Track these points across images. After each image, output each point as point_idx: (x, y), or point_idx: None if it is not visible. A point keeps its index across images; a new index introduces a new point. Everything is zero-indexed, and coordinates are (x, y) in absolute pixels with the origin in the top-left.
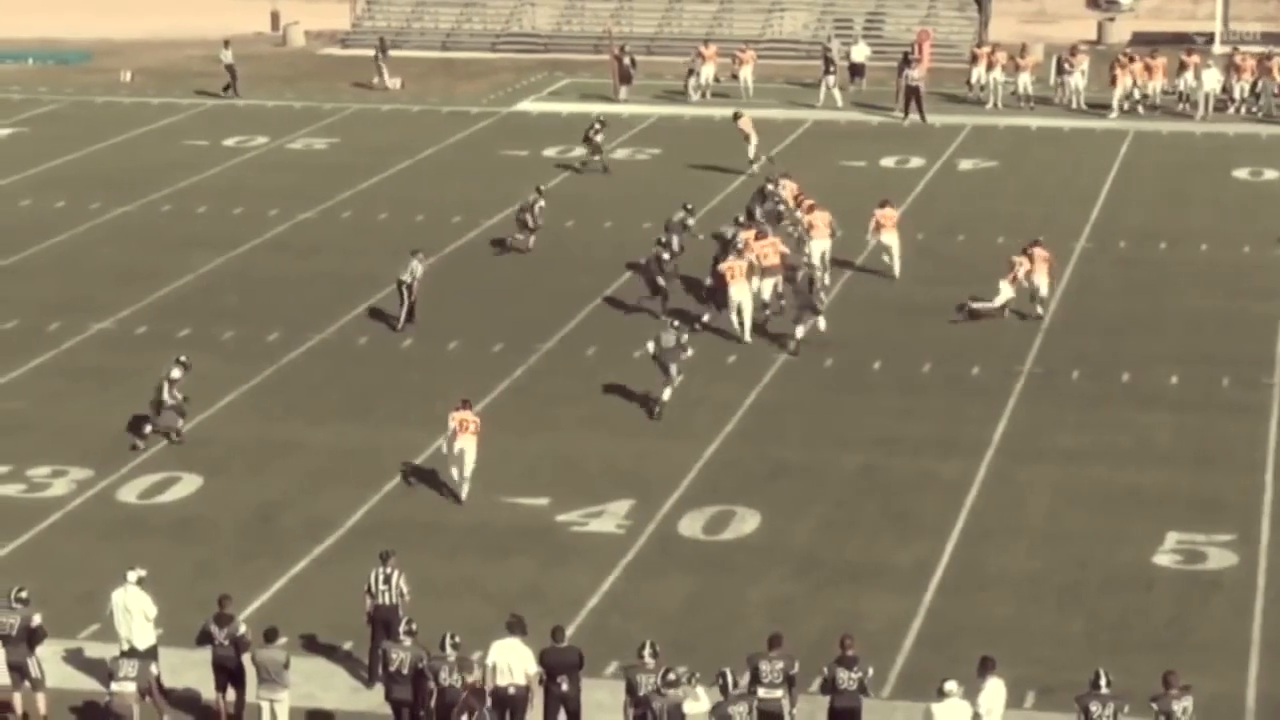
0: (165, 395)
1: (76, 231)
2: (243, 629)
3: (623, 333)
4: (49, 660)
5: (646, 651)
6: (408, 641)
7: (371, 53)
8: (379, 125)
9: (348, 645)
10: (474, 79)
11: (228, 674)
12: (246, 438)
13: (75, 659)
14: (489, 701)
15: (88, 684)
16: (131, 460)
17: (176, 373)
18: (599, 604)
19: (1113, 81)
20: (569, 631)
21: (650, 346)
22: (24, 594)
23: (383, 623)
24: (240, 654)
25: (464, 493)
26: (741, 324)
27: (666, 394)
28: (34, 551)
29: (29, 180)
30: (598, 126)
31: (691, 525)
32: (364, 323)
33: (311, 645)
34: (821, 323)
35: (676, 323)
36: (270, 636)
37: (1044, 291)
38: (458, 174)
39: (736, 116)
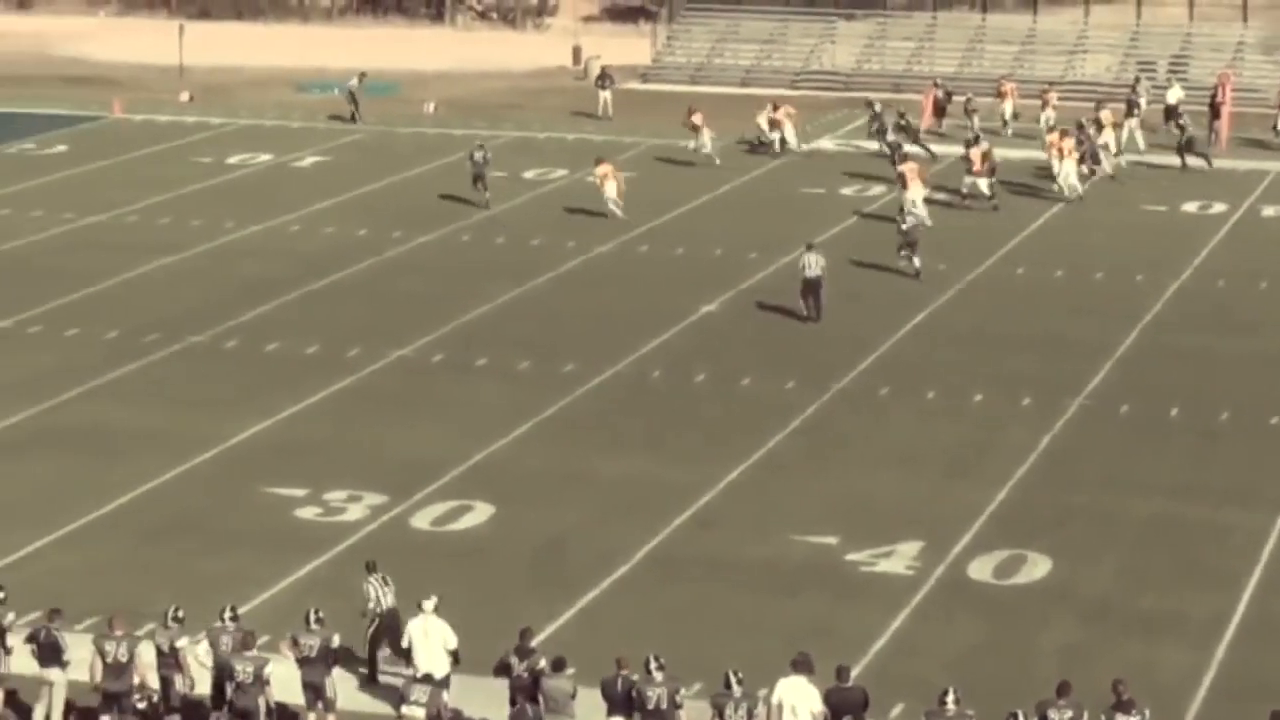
0: None
1: (377, 259)
2: (542, 662)
3: (916, 374)
4: (341, 682)
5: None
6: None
7: (674, 88)
8: (677, 160)
9: (635, 677)
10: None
11: (525, 699)
12: (539, 467)
13: (366, 682)
14: None
15: (378, 708)
16: (425, 487)
17: None
18: (886, 645)
19: None
20: (855, 672)
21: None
22: (322, 615)
23: (389, 628)
24: (536, 686)
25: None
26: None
27: None
28: (329, 575)
29: (333, 208)
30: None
31: (982, 568)
32: (658, 356)
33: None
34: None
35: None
36: (558, 666)
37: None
38: (756, 210)
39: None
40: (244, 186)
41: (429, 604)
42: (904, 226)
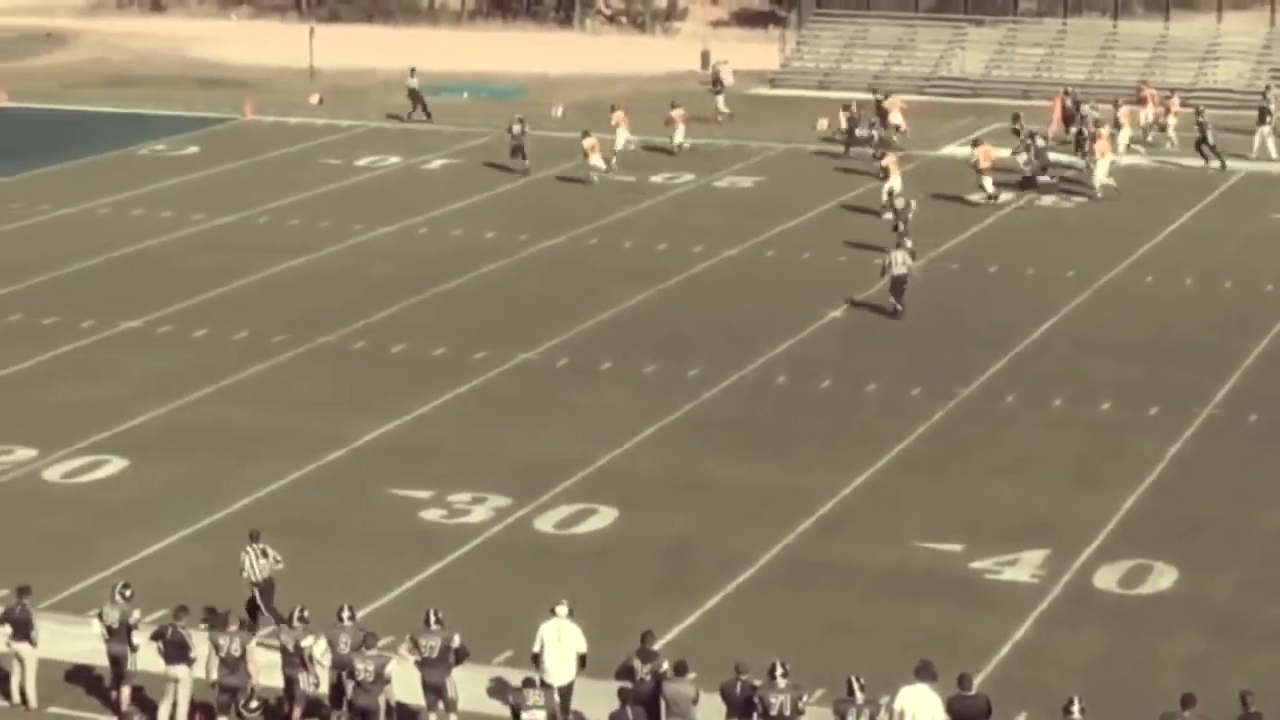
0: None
1: (505, 262)
2: (664, 665)
3: (1043, 381)
4: (462, 684)
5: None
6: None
7: (802, 93)
8: (805, 165)
9: (757, 682)
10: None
11: (643, 708)
12: (663, 471)
13: (484, 684)
14: None
15: (495, 709)
16: (549, 490)
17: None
18: (1009, 653)
19: None
20: (977, 680)
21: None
22: (442, 616)
23: (266, 597)
24: (658, 688)
25: None
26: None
27: None
28: (452, 576)
29: (460, 211)
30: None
31: (1107, 578)
32: (783, 362)
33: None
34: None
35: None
36: (680, 670)
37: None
38: (882, 218)
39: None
40: (373, 188)
41: (562, 609)
42: (887, 216)
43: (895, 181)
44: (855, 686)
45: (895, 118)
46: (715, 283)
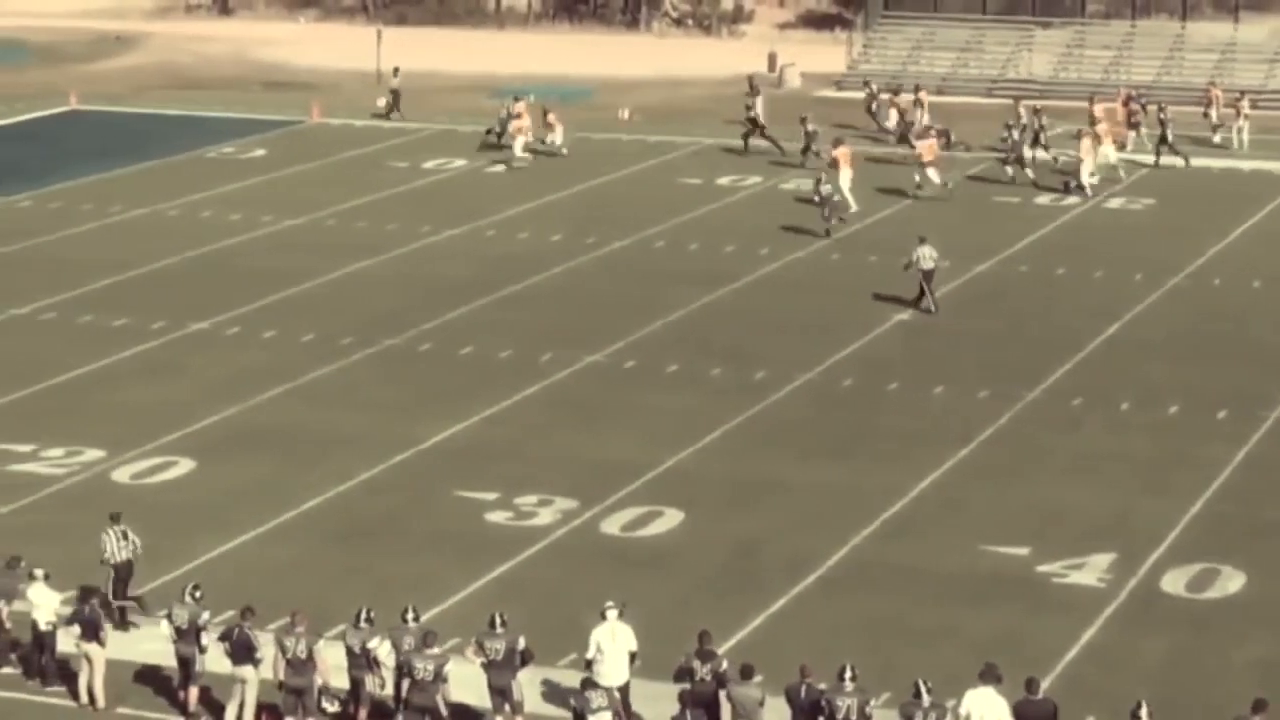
0: None
1: (571, 264)
2: (724, 664)
3: (1110, 384)
4: (527, 686)
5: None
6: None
7: (863, 95)
8: (870, 168)
9: (822, 685)
10: (969, 123)
11: (703, 709)
12: (730, 474)
13: (549, 687)
14: None
15: (557, 712)
16: (616, 493)
17: None
18: (1077, 657)
19: None
20: (1044, 684)
21: None
22: (507, 618)
23: (123, 580)
24: (720, 689)
25: None
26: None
27: None
28: (518, 578)
29: (527, 213)
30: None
31: (1174, 582)
32: (850, 364)
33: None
34: None
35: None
36: (746, 674)
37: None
38: (952, 218)
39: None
40: (439, 191)
41: (612, 611)
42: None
43: (845, 177)
44: (922, 689)
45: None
46: (782, 285)
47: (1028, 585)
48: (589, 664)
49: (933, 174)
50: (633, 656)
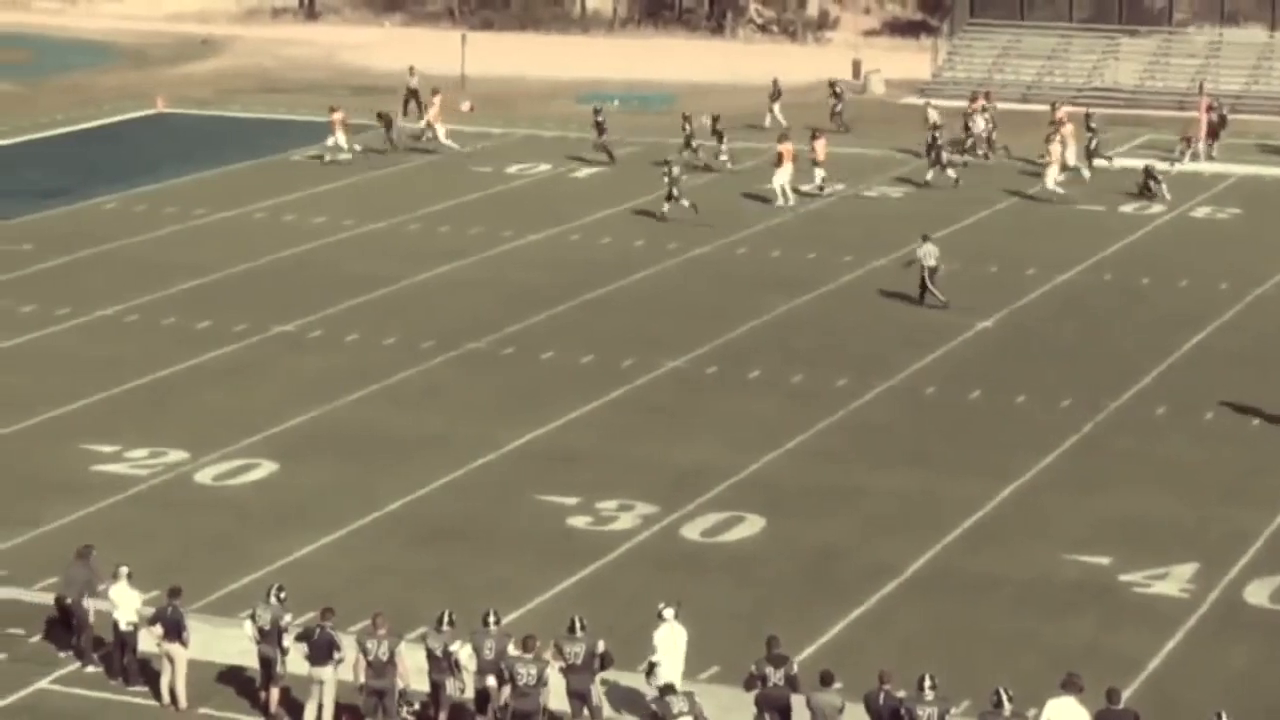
0: None
1: (654, 270)
2: (796, 668)
3: (1194, 394)
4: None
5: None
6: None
7: (954, 103)
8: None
9: (901, 693)
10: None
11: (778, 714)
12: (810, 480)
13: (623, 692)
14: None
15: (636, 718)
16: (697, 498)
17: None
18: (1158, 668)
19: None
20: (1126, 694)
21: None
22: (586, 622)
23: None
24: (794, 693)
25: None
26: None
27: None
28: (598, 583)
29: (610, 218)
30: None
31: (1258, 592)
32: (932, 372)
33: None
34: None
35: None
36: (826, 680)
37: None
38: (1032, 227)
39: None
40: (523, 196)
41: (669, 612)
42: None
43: (784, 174)
44: (1003, 698)
45: (977, 121)
46: (864, 292)
47: (1110, 595)
48: (651, 666)
49: (818, 174)
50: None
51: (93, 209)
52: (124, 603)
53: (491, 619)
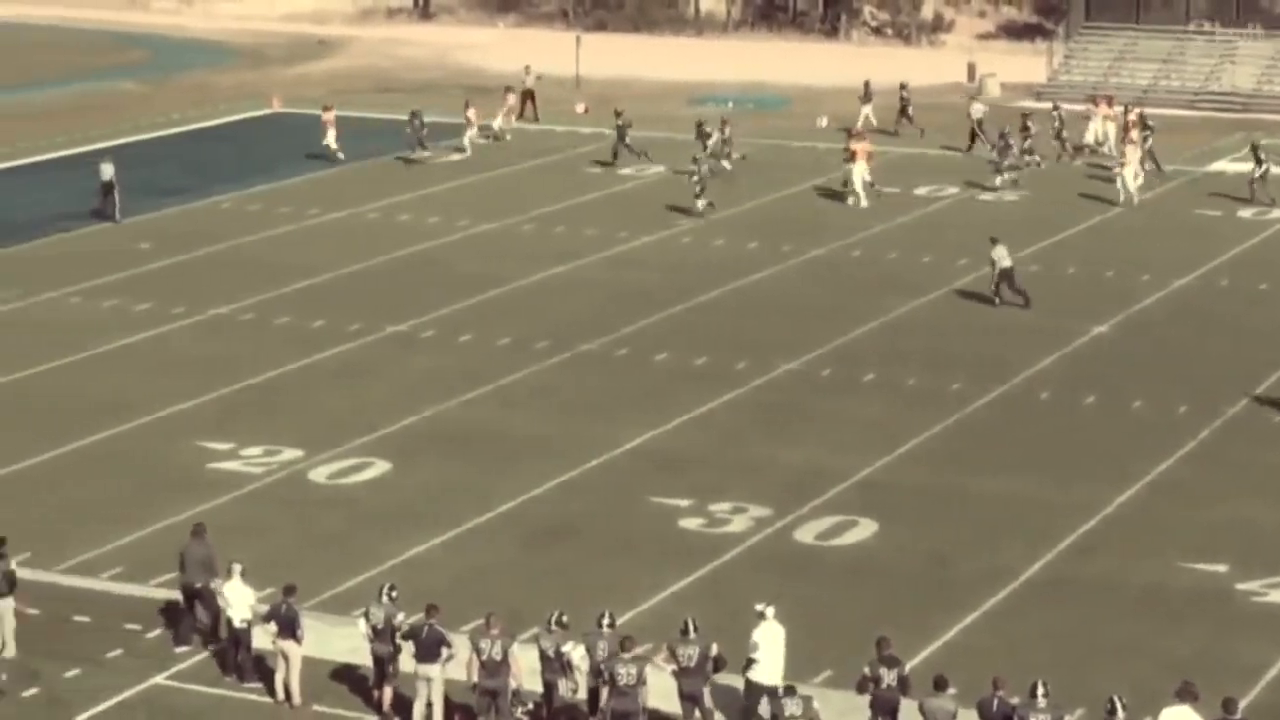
0: None
1: (768, 272)
2: (907, 669)
3: None
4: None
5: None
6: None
7: (1069, 107)
8: (1071, 180)
9: (1014, 700)
10: (1169, 136)
11: (889, 716)
12: (924, 484)
13: (735, 695)
14: None
15: None
16: (810, 501)
17: None
18: (1275, 677)
19: None
20: (1242, 704)
21: None
22: (699, 625)
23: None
24: (904, 695)
25: None
26: None
27: None
28: (711, 585)
29: (723, 220)
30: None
31: None
32: (1047, 377)
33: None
34: None
35: None
36: (940, 685)
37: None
38: (1149, 232)
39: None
40: (636, 197)
41: (770, 610)
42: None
43: (860, 169)
44: (1118, 706)
45: (1095, 126)
46: (979, 296)
47: (1226, 603)
48: (749, 664)
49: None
50: None
51: (209, 208)
52: (238, 600)
53: (606, 621)
